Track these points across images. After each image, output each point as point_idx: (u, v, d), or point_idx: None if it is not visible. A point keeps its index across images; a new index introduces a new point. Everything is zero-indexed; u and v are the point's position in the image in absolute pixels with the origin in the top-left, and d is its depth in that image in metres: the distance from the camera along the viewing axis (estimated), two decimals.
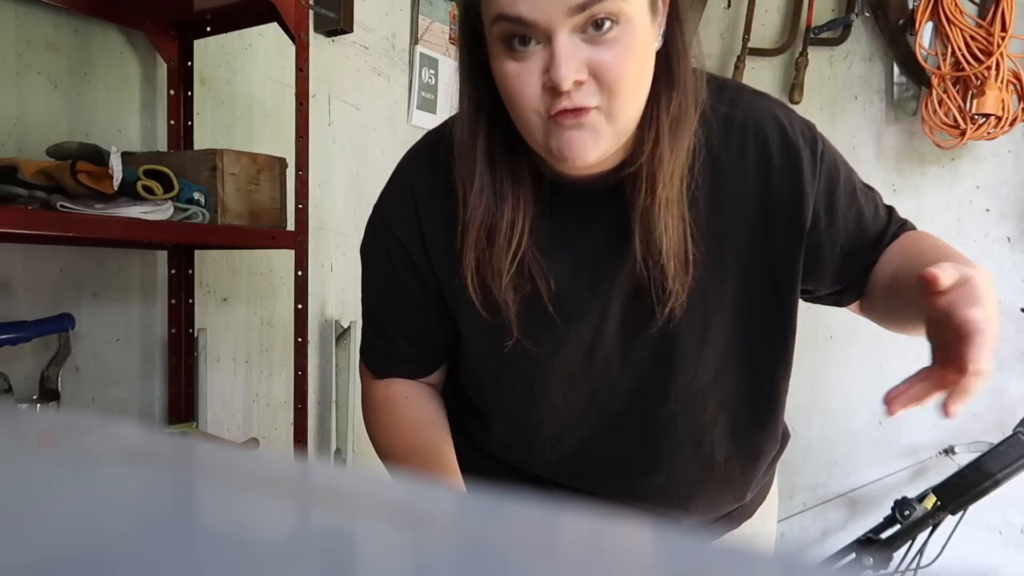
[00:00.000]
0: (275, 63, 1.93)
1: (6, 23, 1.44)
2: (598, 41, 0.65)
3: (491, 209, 0.74)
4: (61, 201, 1.20)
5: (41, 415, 0.44)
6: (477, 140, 0.74)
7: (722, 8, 2.72)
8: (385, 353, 0.89)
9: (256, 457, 0.34)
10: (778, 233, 0.77)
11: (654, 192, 0.72)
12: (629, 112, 0.69)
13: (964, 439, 2.30)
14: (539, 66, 0.65)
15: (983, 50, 2.14)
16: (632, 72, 0.66)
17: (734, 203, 0.76)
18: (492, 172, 0.74)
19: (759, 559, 0.24)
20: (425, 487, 0.33)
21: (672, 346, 0.79)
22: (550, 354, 0.80)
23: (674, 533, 0.24)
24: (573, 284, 0.78)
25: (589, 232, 0.77)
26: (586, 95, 0.66)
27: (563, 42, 0.64)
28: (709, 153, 0.75)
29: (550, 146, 0.69)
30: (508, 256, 0.74)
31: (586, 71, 0.65)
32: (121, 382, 1.66)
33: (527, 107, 0.67)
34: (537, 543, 0.24)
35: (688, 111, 0.72)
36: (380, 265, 0.85)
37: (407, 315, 0.85)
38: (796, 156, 0.76)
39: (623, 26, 0.65)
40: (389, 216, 0.84)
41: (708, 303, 0.78)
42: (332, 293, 2.16)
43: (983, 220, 2.34)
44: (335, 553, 0.24)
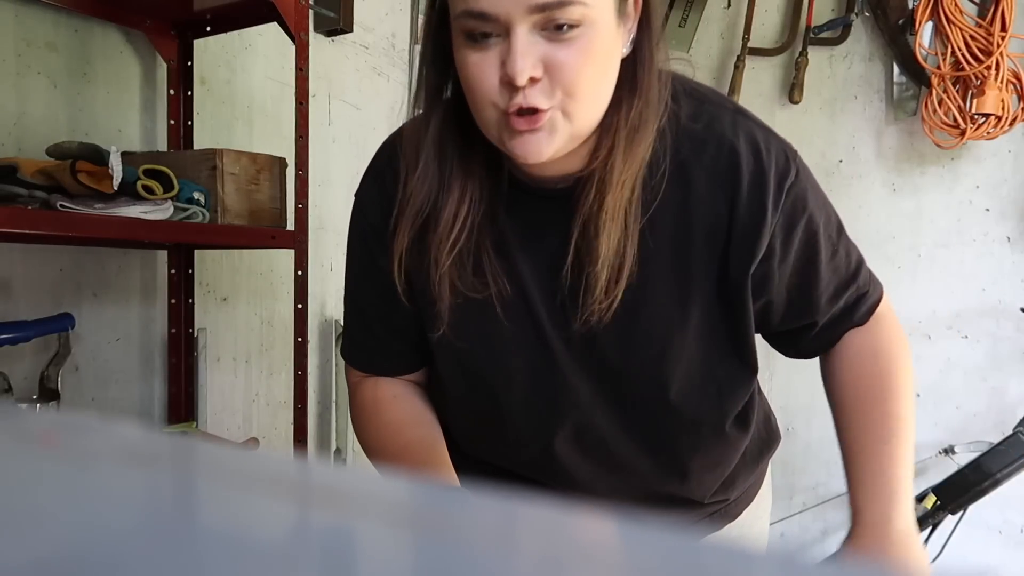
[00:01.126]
0: (275, 63, 1.93)
1: (6, 23, 1.44)
2: (557, 39, 0.65)
3: (432, 197, 0.74)
4: (61, 201, 1.20)
5: (41, 415, 0.44)
6: (429, 128, 0.74)
7: (722, 8, 2.72)
8: (370, 349, 0.88)
9: (256, 457, 0.34)
10: (734, 256, 0.76)
11: (601, 200, 0.71)
12: (587, 114, 0.69)
13: (964, 439, 2.30)
14: (497, 59, 0.66)
15: (983, 50, 2.14)
16: (589, 74, 0.66)
17: (700, 220, 0.75)
18: (439, 160, 0.74)
19: (759, 558, 0.24)
20: (425, 486, 0.33)
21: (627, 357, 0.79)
22: (508, 352, 0.80)
23: (675, 533, 0.24)
24: (532, 286, 0.77)
25: (547, 234, 0.77)
26: (539, 95, 0.66)
27: (521, 37, 0.64)
28: (680, 167, 0.74)
29: (504, 141, 0.69)
30: (446, 248, 0.74)
31: (542, 68, 0.65)
32: (121, 382, 1.66)
33: (485, 99, 0.68)
34: (534, 542, 0.24)
35: (647, 121, 0.71)
36: (359, 254, 0.86)
37: (388, 305, 0.84)
38: (764, 182, 0.75)
39: (584, 27, 0.65)
40: (365, 205, 0.85)
41: (670, 318, 0.77)
42: (332, 293, 2.16)
43: (983, 220, 2.34)
44: (335, 553, 0.24)
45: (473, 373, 0.83)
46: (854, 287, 0.85)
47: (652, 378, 0.80)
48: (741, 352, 0.82)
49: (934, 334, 2.41)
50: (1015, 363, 2.29)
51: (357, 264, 0.87)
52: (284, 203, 1.56)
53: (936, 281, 2.41)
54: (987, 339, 2.33)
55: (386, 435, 0.85)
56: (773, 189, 0.75)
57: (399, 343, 0.87)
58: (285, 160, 1.57)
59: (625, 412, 0.82)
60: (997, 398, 2.30)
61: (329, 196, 2.11)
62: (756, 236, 0.75)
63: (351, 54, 2.14)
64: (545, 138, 0.68)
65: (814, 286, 0.81)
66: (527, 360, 0.80)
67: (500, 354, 0.81)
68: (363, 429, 0.88)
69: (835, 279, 0.83)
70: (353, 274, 0.88)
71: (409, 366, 0.89)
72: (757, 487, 0.98)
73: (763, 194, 0.75)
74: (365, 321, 0.88)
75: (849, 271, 0.84)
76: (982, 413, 2.32)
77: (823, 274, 0.81)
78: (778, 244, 0.77)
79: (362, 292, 0.87)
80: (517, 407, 0.83)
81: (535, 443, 0.85)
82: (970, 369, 2.35)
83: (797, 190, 0.77)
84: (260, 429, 1.97)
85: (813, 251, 0.80)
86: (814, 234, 0.79)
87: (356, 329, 0.89)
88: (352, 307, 0.89)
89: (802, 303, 0.82)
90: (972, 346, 2.35)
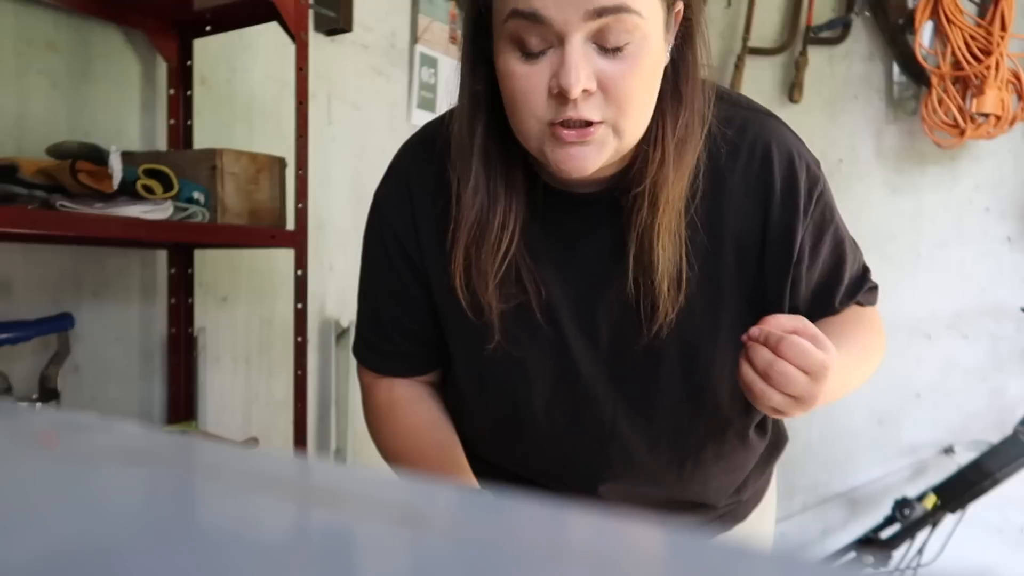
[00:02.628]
0: (275, 62, 1.93)
1: (6, 23, 1.44)
2: (611, 54, 0.63)
3: (484, 209, 0.73)
4: (61, 200, 1.20)
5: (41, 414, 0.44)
6: (475, 138, 0.72)
7: (722, 7, 2.72)
8: (384, 351, 0.87)
9: (256, 456, 0.34)
10: (770, 262, 0.76)
11: (655, 213, 0.70)
12: (636, 128, 0.68)
13: (964, 438, 2.30)
14: (548, 70, 0.64)
15: (983, 49, 2.14)
16: (642, 89, 0.65)
17: (733, 226, 0.75)
18: (487, 172, 0.73)
19: (759, 558, 0.24)
20: (424, 486, 0.33)
21: (658, 365, 0.78)
22: (533, 361, 0.80)
23: (675, 532, 0.24)
24: (563, 293, 0.77)
25: (583, 243, 0.76)
26: (592, 108, 0.64)
27: (576, 47, 0.62)
28: (713, 173, 0.74)
29: (546, 154, 0.68)
30: (496, 258, 0.73)
31: (595, 82, 0.63)
32: (121, 381, 1.66)
33: (529, 111, 0.66)
34: (538, 542, 0.24)
35: (694, 131, 0.70)
36: (377, 256, 0.85)
37: (404, 309, 0.83)
38: (796, 189, 0.75)
39: (637, 43, 0.63)
40: (386, 207, 0.83)
41: (699, 325, 0.77)
42: (332, 292, 2.16)
43: (983, 219, 2.34)
44: (335, 552, 0.24)
45: (496, 384, 0.82)
46: (866, 284, 0.87)
47: (684, 387, 0.80)
48: None
49: (934, 334, 2.41)
50: (1015, 363, 2.29)
51: (373, 266, 0.86)
52: (284, 203, 1.56)
53: (936, 281, 2.41)
54: (987, 339, 2.33)
55: (403, 439, 0.84)
56: (804, 195, 0.75)
57: (414, 345, 0.86)
58: (285, 160, 1.57)
59: (651, 424, 0.81)
60: (997, 398, 2.31)
61: (329, 196, 2.11)
62: (790, 242, 0.76)
63: (351, 54, 2.14)
64: (593, 152, 0.67)
65: (836, 289, 0.83)
66: (550, 369, 0.80)
67: (525, 364, 0.80)
68: (379, 432, 0.87)
69: (851, 282, 0.85)
70: (368, 275, 0.87)
71: (424, 367, 0.88)
72: (765, 488, 0.98)
73: (795, 200, 0.75)
74: (380, 323, 0.86)
75: (859, 273, 0.87)
76: (982, 413, 2.32)
77: (846, 278, 0.83)
78: (807, 250, 0.77)
79: (377, 294, 0.86)
80: (538, 417, 0.82)
81: (553, 453, 0.84)
82: (970, 369, 2.35)
83: (826, 199, 0.78)
84: (260, 429, 1.97)
85: (840, 257, 0.82)
86: (841, 241, 0.81)
87: (370, 330, 0.88)
88: (366, 308, 0.88)
89: (824, 303, 0.83)
90: (972, 346, 2.35)
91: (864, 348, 0.82)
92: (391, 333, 0.86)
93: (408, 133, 0.87)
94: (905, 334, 2.42)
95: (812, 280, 0.81)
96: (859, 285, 0.86)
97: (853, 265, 0.85)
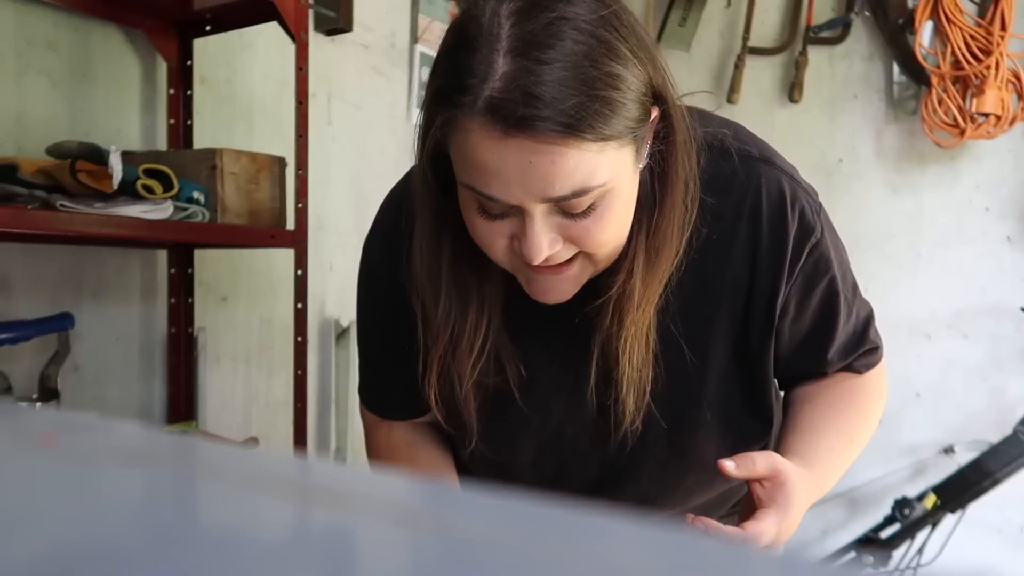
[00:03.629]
0: (275, 62, 1.93)
1: (6, 22, 1.44)
2: (575, 215, 0.61)
3: (455, 321, 0.71)
4: (61, 200, 1.20)
5: (41, 414, 0.44)
6: (442, 260, 0.69)
7: (722, 7, 2.72)
8: (383, 395, 0.88)
9: (256, 456, 0.34)
10: (753, 314, 0.74)
11: (621, 323, 0.68)
12: (612, 255, 0.66)
13: (964, 438, 2.30)
14: (509, 230, 0.62)
15: (983, 49, 2.14)
16: (613, 233, 0.63)
17: (718, 288, 0.73)
18: (458, 288, 0.70)
19: (759, 558, 0.24)
20: (424, 486, 0.33)
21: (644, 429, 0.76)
22: (517, 431, 0.79)
23: (676, 532, 0.24)
24: (544, 365, 0.76)
25: (558, 323, 0.74)
26: (563, 254, 0.63)
27: (537, 221, 0.60)
28: (699, 242, 0.70)
29: (520, 279, 0.67)
30: (468, 364, 0.72)
31: (560, 242, 0.62)
32: (121, 381, 1.66)
33: (495, 256, 0.65)
34: (538, 542, 0.24)
35: (671, 239, 0.67)
36: (369, 308, 0.85)
37: (399, 359, 0.81)
38: (784, 240, 0.72)
39: (603, 200, 0.61)
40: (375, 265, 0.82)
41: (685, 390, 0.76)
42: (332, 292, 2.16)
43: (983, 219, 2.34)
44: (335, 552, 0.24)
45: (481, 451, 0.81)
46: (865, 345, 0.83)
47: (670, 447, 0.79)
48: (759, 412, 0.79)
49: (934, 334, 2.41)
50: (1015, 362, 2.29)
51: (365, 317, 0.86)
52: (284, 203, 1.56)
53: (936, 280, 2.41)
54: (987, 338, 2.33)
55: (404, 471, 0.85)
56: (792, 247, 0.72)
57: (410, 392, 0.83)
58: (285, 160, 1.57)
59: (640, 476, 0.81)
60: (997, 397, 2.30)
61: (329, 195, 2.11)
62: (774, 294, 0.73)
63: (351, 53, 2.14)
64: (570, 285, 0.66)
65: (828, 345, 0.79)
66: (535, 434, 0.80)
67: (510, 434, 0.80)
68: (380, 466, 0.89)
69: (847, 339, 0.81)
70: (362, 323, 0.87)
71: (422, 411, 0.86)
72: None
73: (782, 252, 0.72)
74: (377, 370, 0.87)
75: (859, 330, 0.82)
76: (982, 412, 2.32)
77: (838, 334, 0.79)
78: (793, 304, 0.75)
79: (371, 342, 0.86)
80: (526, 470, 0.83)
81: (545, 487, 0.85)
82: (970, 368, 2.35)
83: (821, 250, 0.74)
84: (260, 429, 1.97)
85: (832, 311, 0.77)
86: (835, 294, 0.77)
87: (369, 375, 0.89)
88: (364, 354, 0.88)
89: (812, 360, 0.80)
90: (972, 345, 2.35)
91: (850, 432, 0.79)
92: (389, 379, 0.86)
93: (408, 133, 0.86)
94: (905, 334, 2.42)
95: (799, 333, 0.77)
96: (856, 344, 0.82)
97: (849, 322, 0.80)
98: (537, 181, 0.58)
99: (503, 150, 0.57)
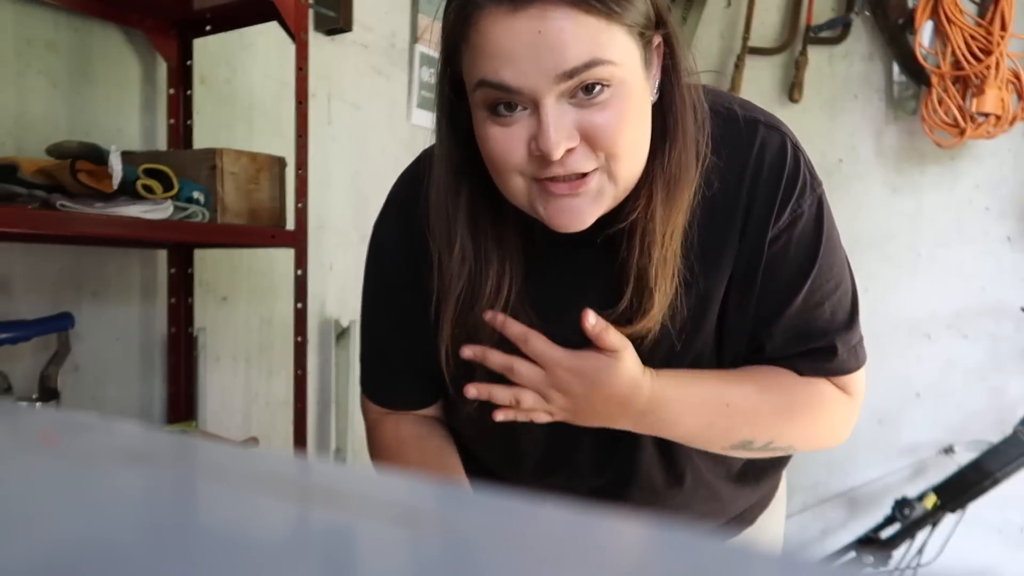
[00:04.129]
0: (275, 62, 1.93)
1: (6, 23, 1.44)
2: (589, 105, 0.61)
3: (473, 276, 0.70)
4: (61, 200, 1.20)
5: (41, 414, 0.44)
6: (459, 206, 0.70)
7: (722, 7, 2.72)
8: (390, 385, 0.86)
9: (256, 456, 0.34)
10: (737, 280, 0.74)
11: (650, 252, 0.68)
12: (631, 172, 0.66)
13: (964, 438, 2.30)
14: (525, 133, 0.62)
15: (983, 49, 2.14)
16: (629, 131, 0.63)
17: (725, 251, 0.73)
18: (474, 237, 0.70)
19: (759, 558, 0.24)
20: (424, 486, 0.33)
21: None
22: None
23: (676, 532, 0.24)
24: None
25: (583, 290, 0.74)
26: (581, 160, 0.63)
27: (551, 109, 0.60)
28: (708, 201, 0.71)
29: (537, 209, 0.66)
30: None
31: (577, 136, 0.62)
32: (121, 381, 1.66)
33: (511, 172, 0.64)
34: (538, 542, 0.24)
35: (687, 166, 0.68)
36: (379, 289, 0.83)
37: (409, 339, 0.81)
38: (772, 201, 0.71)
39: (615, 87, 0.61)
40: (386, 240, 0.82)
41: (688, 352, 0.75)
42: (332, 292, 2.16)
43: (983, 219, 2.34)
44: (335, 552, 0.24)
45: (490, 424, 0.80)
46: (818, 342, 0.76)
47: None
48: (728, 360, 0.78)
49: (934, 333, 2.41)
50: (1015, 362, 2.29)
51: (375, 301, 0.84)
52: (284, 202, 1.56)
53: (936, 280, 2.41)
54: (987, 338, 2.33)
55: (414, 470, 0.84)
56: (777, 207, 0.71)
57: (421, 377, 0.83)
58: (285, 159, 1.57)
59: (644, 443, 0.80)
60: (997, 397, 2.31)
61: (329, 195, 2.11)
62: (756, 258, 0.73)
63: (351, 53, 2.14)
64: (588, 204, 0.65)
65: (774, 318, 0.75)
66: None
67: None
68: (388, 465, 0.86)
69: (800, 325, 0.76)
70: (370, 310, 0.85)
71: (432, 397, 0.87)
72: (773, 492, 0.97)
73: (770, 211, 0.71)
74: (384, 357, 0.85)
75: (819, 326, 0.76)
76: (982, 412, 2.32)
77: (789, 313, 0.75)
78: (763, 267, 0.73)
79: (380, 328, 0.85)
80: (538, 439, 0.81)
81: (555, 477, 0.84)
82: (970, 368, 2.35)
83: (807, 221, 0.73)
84: (260, 428, 1.97)
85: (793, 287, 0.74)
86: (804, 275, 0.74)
87: (375, 365, 0.87)
88: (370, 342, 0.87)
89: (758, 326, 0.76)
90: (972, 345, 2.36)
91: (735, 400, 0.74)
92: (397, 366, 0.84)
93: (408, 133, 0.87)
94: (905, 334, 2.42)
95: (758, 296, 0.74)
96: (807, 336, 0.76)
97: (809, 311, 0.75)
98: (548, 54, 0.59)
99: (513, 25, 0.59)
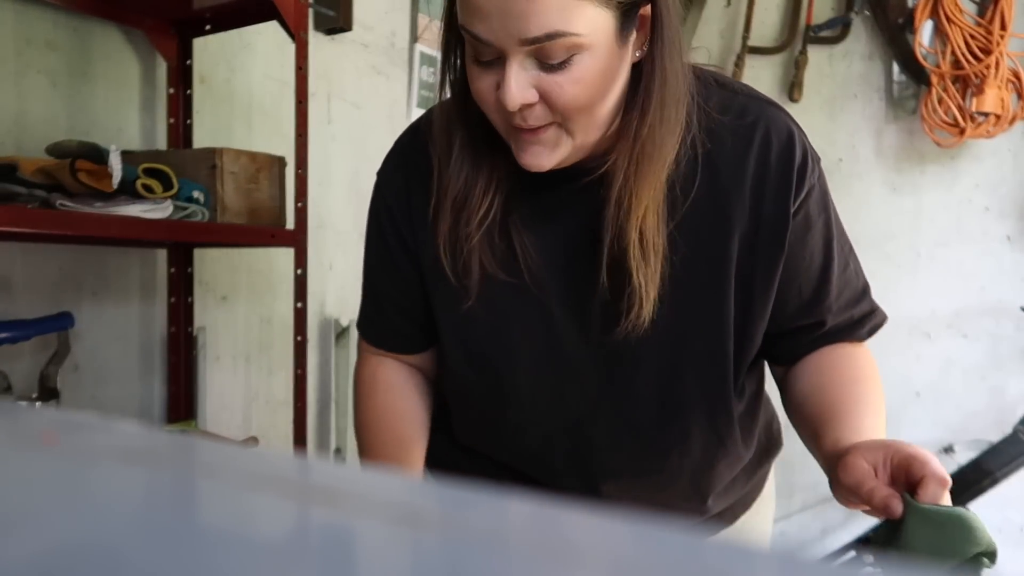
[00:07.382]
0: (274, 61, 1.92)
1: (6, 22, 1.44)
2: (550, 68, 0.66)
3: (469, 177, 0.76)
4: (61, 200, 1.20)
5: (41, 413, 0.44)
6: (463, 122, 0.75)
7: (722, 7, 2.72)
8: (379, 324, 0.92)
9: (256, 456, 0.34)
10: (762, 248, 0.76)
11: (630, 199, 0.71)
12: (588, 130, 0.70)
13: (963, 437, 2.30)
14: (493, 81, 0.67)
15: (983, 48, 2.14)
16: (586, 96, 0.67)
17: (727, 211, 0.75)
18: (471, 146, 0.76)
19: (759, 557, 0.24)
20: (424, 486, 0.33)
21: (643, 351, 0.78)
22: (516, 328, 0.81)
23: (675, 532, 0.24)
24: (550, 258, 0.78)
25: (568, 215, 0.78)
26: (536, 117, 0.68)
27: (514, 66, 0.65)
28: (709, 163, 0.75)
29: (510, 144, 0.72)
30: (477, 219, 0.76)
31: (536, 94, 0.66)
32: (120, 381, 1.66)
33: (489, 109, 0.70)
34: (538, 542, 0.24)
35: (667, 125, 0.71)
36: (375, 235, 0.88)
37: (397, 286, 0.87)
38: (790, 170, 0.75)
39: (579, 55, 0.65)
40: (384, 187, 0.87)
41: (687, 311, 0.77)
42: (332, 292, 2.15)
43: (982, 219, 2.34)
44: (335, 552, 0.24)
45: (480, 354, 0.84)
46: (866, 303, 0.84)
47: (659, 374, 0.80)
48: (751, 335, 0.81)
49: (934, 333, 2.41)
50: (1014, 362, 2.29)
51: (372, 244, 0.90)
52: (284, 202, 1.56)
53: (936, 280, 2.41)
54: (987, 338, 2.33)
55: (371, 419, 0.89)
56: (796, 177, 0.75)
57: (407, 322, 0.89)
58: (284, 159, 1.57)
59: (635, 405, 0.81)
60: (996, 397, 2.31)
61: (329, 195, 2.11)
62: (783, 226, 0.76)
63: (351, 53, 2.14)
64: (546, 151, 0.70)
65: (825, 291, 0.81)
66: (533, 341, 0.81)
67: (509, 332, 0.81)
68: (357, 399, 0.92)
69: (847, 291, 0.82)
70: (369, 252, 0.91)
71: (415, 345, 0.91)
72: (756, 493, 0.97)
73: (788, 181, 0.75)
74: (377, 299, 0.91)
75: (859, 288, 0.84)
76: (981, 412, 2.32)
77: (834, 280, 0.81)
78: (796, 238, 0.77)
79: (375, 270, 0.90)
80: (522, 391, 0.83)
81: (536, 432, 0.84)
82: (970, 368, 2.35)
83: (818, 191, 0.78)
84: (260, 428, 1.97)
85: (828, 254, 0.80)
86: (830, 239, 0.80)
87: (369, 305, 0.93)
88: (367, 283, 0.92)
89: (814, 302, 0.81)
90: (972, 345, 2.36)
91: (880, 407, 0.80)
92: (386, 308, 0.90)
93: None
94: (905, 333, 2.42)
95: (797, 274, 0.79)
96: (858, 298, 0.83)
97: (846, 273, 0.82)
98: (514, 20, 0.62)
99: None
